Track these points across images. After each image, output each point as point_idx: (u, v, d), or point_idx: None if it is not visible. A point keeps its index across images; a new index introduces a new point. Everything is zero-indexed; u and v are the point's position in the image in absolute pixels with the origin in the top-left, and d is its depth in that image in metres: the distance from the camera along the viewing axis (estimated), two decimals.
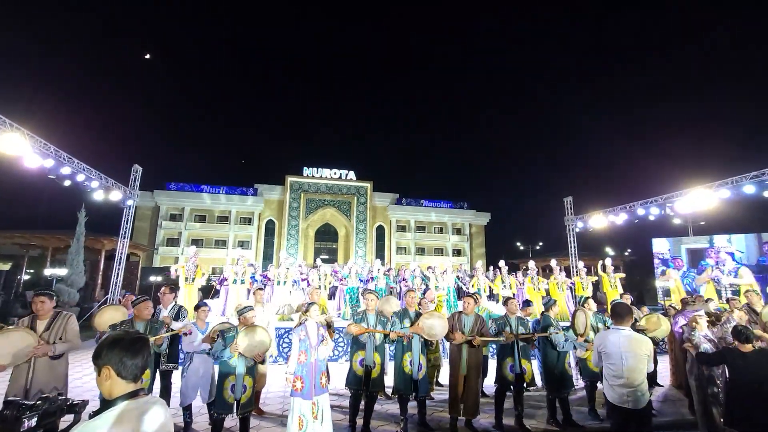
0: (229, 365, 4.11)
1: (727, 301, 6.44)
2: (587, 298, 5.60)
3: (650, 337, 5.02)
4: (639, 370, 3.25)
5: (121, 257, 14.05)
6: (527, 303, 5.65)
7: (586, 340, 5.02)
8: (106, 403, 1.42)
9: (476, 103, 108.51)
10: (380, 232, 39.17)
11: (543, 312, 5.30)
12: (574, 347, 5.12)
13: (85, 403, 1.41)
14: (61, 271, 15.40)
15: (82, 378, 6.85)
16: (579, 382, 5.89)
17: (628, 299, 6.99)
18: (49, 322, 3.82)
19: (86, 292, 19.03)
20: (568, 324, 5.46)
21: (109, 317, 4.54)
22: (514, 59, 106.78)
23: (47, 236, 21.40)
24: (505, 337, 4.79)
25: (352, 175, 37.98)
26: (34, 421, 1.30)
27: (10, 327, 3.71)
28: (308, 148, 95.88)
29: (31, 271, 24.05)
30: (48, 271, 16.00)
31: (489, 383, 5.76)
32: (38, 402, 1.33)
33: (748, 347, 3.57)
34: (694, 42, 79.80)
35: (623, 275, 11.34)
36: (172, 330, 4.60)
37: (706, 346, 4.29)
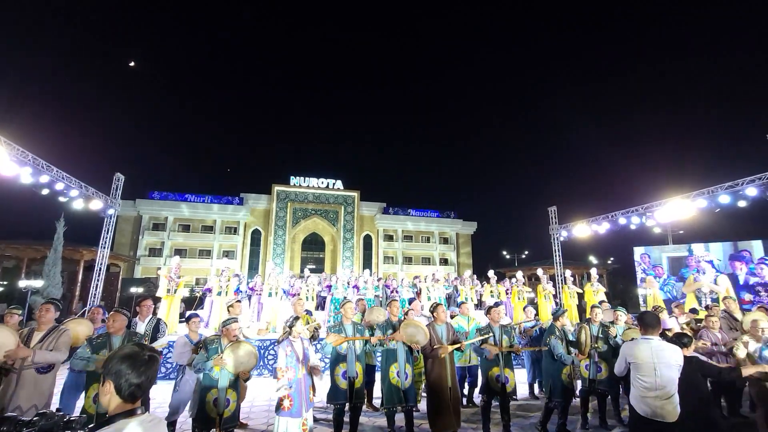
0: (212, 378, 3.98)
1: (707, 308, 6.59)
2: (564, 311, 5.59)
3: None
4: (672, 381, 3.19)
5: (100, 268, 13.66)
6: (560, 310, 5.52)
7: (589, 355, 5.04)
8: (103, 419, 1.42)
9: (463, 113, 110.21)
10: (367, 241, 39.07)
11: (552, 322, 5.29)
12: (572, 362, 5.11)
13: (82, 419, 1.36)
14: (37, 283, 14.87)
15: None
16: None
17: (606, 306, 7.10)
18: (44, 334, 3.71)
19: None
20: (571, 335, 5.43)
21: (73, 332, 4.30)
22: (501, 72, 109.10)
23: (23, 246, 20.70)
24: (489, 350, 4.76)
25: (339, 184, 37.94)
26: None
27: None
28: (295, 158, 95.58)
29: (5, 282, 23.15)
30: (23, 283, 15.42)
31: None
32: (35, 418, 1.29)
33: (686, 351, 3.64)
34: (675, 57, 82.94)
35: (604, 289, 11.47)
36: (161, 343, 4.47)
37: None
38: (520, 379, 7.05)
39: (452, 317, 6.57)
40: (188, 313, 5.69)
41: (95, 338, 4.01)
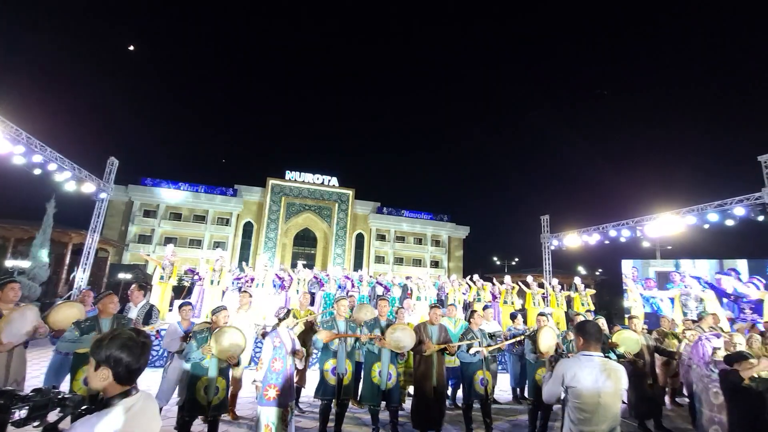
0: (201, 366, 4.00)
1: (693, 321, 6.70)
2: (578, 313, 5.72)
3: (622, 353, 5.18)
4: (616, 410, 2.53)
5: (89, 252, 13.52)
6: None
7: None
8: (98, 400, 1.44)
9: (460, 119, 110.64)
10: (360, 240, 39.04)
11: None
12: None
13: (76, 398, 1.39)
14: (24, 264, 14.65)
15: (40, 377, 6.50)
16: None
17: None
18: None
19: (49, 287, 18.16)
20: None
21: (63, 315, 4.31)
22: (500, 79, 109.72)
23: (10, 226, 20.41)
24: (481, 352, 4.83)
25: (334, 181, 37.85)
26: (24, 412, 1.29)
27: (23, 305, 3.75)
28: (291, 152, 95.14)
29: None
30: (9, 263, 15.18)
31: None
32: (31, 393, 1.32)
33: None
34: (668, 74, 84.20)
35: (593, 291, 11.65)
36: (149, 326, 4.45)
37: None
38: (503, 384, 7.19)
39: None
40: (179, 301, 5.68)
41: (83, 321, 4.01)
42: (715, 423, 4.24)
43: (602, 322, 5.96)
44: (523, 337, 5.20)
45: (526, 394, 6.65)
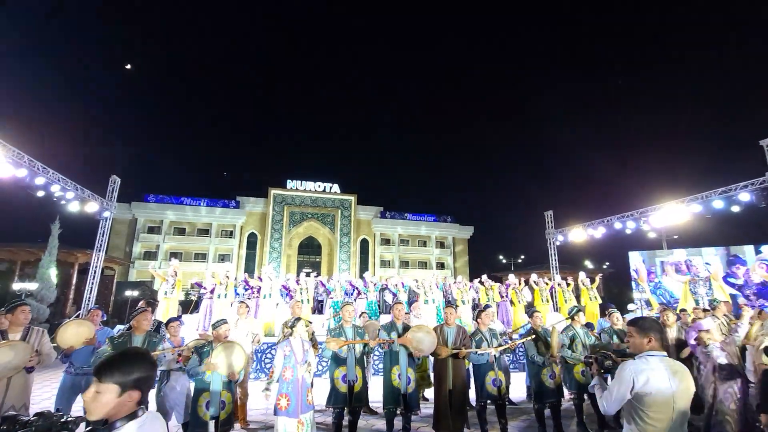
0: (204, 381, 3.97)
1: (704, 311, 6.60)
2: (579, 309, 5.62)
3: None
4: (688, 413, 2.25)
5: (95, 271, 13.58)
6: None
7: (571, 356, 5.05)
8: (102, 422, 1.41)
9: (461, 117, 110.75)
10: (364, 245, 39.04)
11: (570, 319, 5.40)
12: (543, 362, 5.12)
13: (79, 420, 1.38)
14: (31, 286, 14.73)
15: (52, 399, 6.50)
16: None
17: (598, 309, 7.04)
18: (23, 336, 3.79)
19: (57, 308, 18.24)
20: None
21: (73, 333, 4.31)
22: (498, 76, 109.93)
23: (16, 249, 20.52)
24: (489, 353, 4.78)
25: (336, 188, 37.96)
26: None
27: (9, 341, 3.67)
28: (292, 161, 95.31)
29: None
30: (17, 285, 15.28)
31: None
32: (33, 418, 1.32)
33: None
34: (669, 62, 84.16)
35: (597, 283, 11.47)
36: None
37: (722, 359, 4.29)
38: (518, 383, 7.12)
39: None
40: (187, 316, 5.66)
41: (117, 337, 4.03)
42: (716, 399, 4.28)
43: (617, 315, 5.88)
44: (529, 337, 5.13)
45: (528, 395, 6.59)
